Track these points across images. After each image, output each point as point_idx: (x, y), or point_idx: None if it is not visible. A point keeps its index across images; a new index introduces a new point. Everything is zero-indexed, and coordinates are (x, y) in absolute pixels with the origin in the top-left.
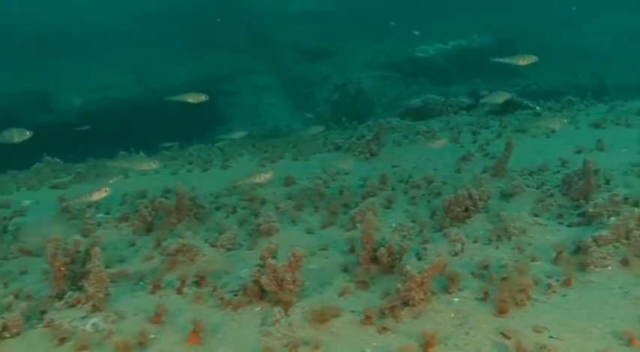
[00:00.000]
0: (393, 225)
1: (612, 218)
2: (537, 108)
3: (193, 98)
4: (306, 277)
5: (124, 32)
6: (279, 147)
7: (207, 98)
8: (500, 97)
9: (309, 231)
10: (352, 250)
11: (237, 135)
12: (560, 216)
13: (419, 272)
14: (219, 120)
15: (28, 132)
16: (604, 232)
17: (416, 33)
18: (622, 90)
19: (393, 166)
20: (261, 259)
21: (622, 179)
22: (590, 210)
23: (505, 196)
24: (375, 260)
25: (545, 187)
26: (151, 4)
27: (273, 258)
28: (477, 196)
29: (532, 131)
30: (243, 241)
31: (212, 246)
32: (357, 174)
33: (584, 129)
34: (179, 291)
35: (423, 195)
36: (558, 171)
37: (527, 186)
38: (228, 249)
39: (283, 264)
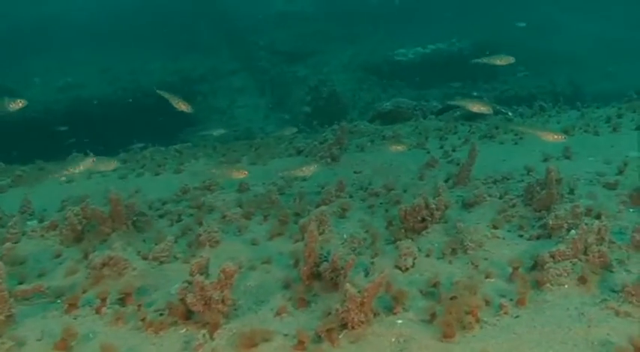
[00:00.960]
0: (345, 236)
1: (572, 231)
2: (509, 113)
3: (178, 103)
4: (241, 295)
5: (98, 30)
6: (239, 151)
7: (190, 110)
8: (474, 106)
9: (254, 242)
10: (296, 264)
11: (216, 132)
12: (520, 227)
13: (359, 292)
14: (191, 122)
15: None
16: (562, 247)
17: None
18: (599, 97)
19: (355, 172)
20: (190, 274)
21: (586, 189)
22: (551, 222)
23: (466, 206)
24: (318, 275)
25: (507, 197)
26: (127, 3)
27: (203, 273)
28: (434, 206)
29: (500, 137)
30: (180, 253)
31: (144, 258)
32: (317, 180)
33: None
34: (97, 311)
35: (381, 203)
36: (523, 180)
37: (490, 195)
38: (162, 262)
39: (212, 281)
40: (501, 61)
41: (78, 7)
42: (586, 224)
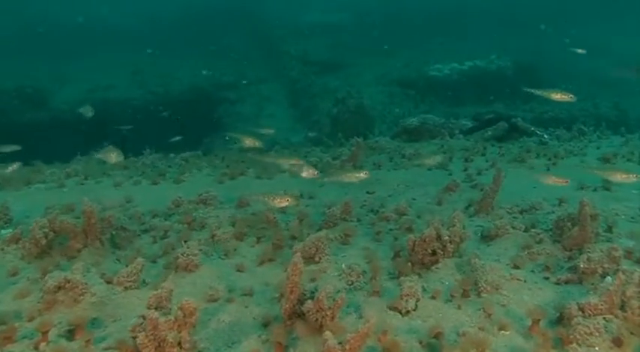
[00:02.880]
0: (343, 266)
1: (608, 278)
2: (545, 136)
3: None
4: (208, 334)
5: (131, 34)
6: (247, 162)
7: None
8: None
9: (240, 269)
10: (281, 298)
11: (264, 131)
12: (546, 268)
13: (340, 343)
14: (217, 128)
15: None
16: (594, 299)
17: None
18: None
19: (367, 192)
20: (148, 308)
21: (627, 227)
22: (582, 265)
23: (486, 238)
24: (302, 314)
25: (534, 230)
26: (163, 9)
27: (163, 308)
28: (447, 237)
29: (531, 161)
30: (153, 277)
31: (108, 282)
32: (325, 199)
33: (591, 163)
34: (36, 347)
35: (391, 229)
36: (553, 212)
37: (514, 227)
38: (126, 288)
39: (168, 319)
40: (558, 95)
41: (117, 13)
42: (625, 271)
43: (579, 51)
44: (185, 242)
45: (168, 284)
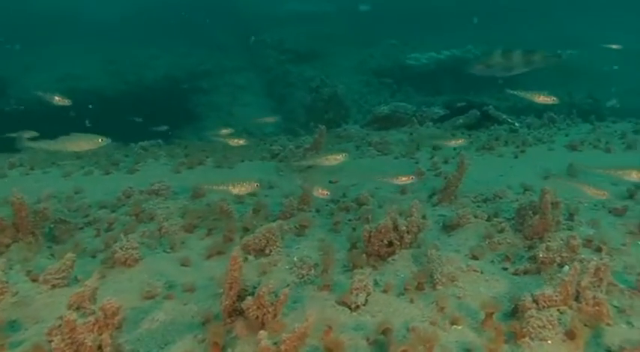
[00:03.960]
0: (295, 259)
1: (566, 267)
2: (516, 124)
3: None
4: (139, 335)
5: (107, 22)
6: (209, 151)
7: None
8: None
9: (184, 263)
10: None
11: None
12: (506, 258)
13: (275, 343)
14: (189, 119)
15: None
16: (548, 291)
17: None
18: (618, 112)
19: (330, 181)
20: (69, 307)
21: (589, 215)
22: (541, 254)
23: (447, 228)
24: (242, 312)
25: (496, 219)
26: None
27: (84, 308)
28: (404, 228)
29: (499, 149)
30: (86, 274)
31: (33, 280)
32: (285, 189)
33: (558, 150)
34: None
35: (350, 220)
36: (517, 200)
37: (476, 216)
38: (54, 286)
39: (88, 321)
40: (541, 98)
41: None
42: (582, 260)
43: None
44: (126, 235)
45: (91, 282)
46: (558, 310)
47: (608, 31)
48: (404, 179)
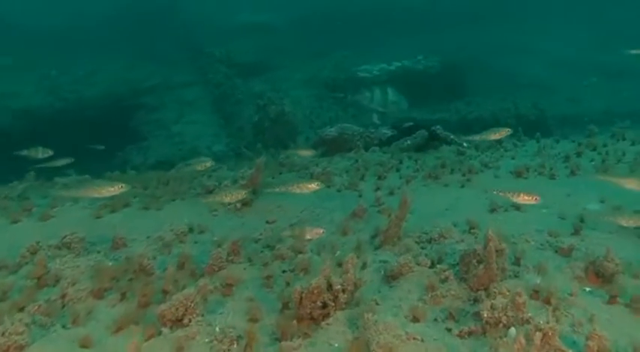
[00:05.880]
0: (217, 329)
1: (512, 329)
2: (464, 144)
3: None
4: None
5: (39, 32)
6: (138, 185)
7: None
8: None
9: (85, 343)
10: None
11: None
12: (450, 316)
13: None
14: (133, 139)
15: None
16: None
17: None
18: (562, 121)
19: (267, 222)
20: None
21: (536, 256)
22: (486, 314)
23: (388, 278)
24: None
25: (440, 266)
26: (82, 7)
27: None
28: (339, 287)
29: (445, 178)
30: None
31: None
32: (218, 231)
33: (504, 177)
34: None
35: (284, 271)
36: (462, 240)
37: (418, 264)
38: None
39: None
40: (496, 134)
41: (31, 10)
42: (529, 320)
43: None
44: (22, 308)
45: None
46: None
47: (548, 41)
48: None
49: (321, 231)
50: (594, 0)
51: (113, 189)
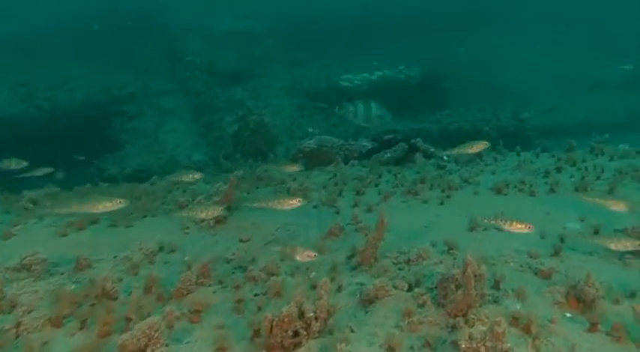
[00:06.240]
0: None
1: None
2: (445, 158)
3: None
4: None
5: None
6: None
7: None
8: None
9: None
10: None
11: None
12: (427, 344)
13: None
14: (111, 147)
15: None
16: None
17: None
18: (542, 132)
19: (241, 241)
20: None
21: (515, 279)
22: (464, 345)
23: (364, 302)
24: None
25: (417, 290)
26: (61, 14)
27: None
28: (311, 314)
29: (424, 194)
30: None
31: None
32: (189, 252)
33: (483, 194)
34: None
35: (256, 295)
36: (441, 262)
37: (395, 287)
38: None
39: None
40: (474, 148)
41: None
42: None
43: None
44: None
45: None
46: None
47: (529, 52)
48: None
49: (313, 254)
50: (575, 12)
51: (111, 205)
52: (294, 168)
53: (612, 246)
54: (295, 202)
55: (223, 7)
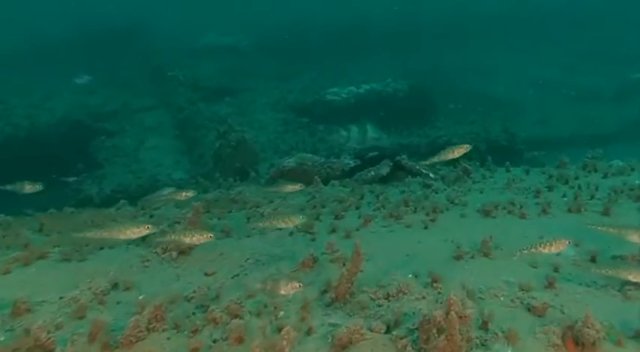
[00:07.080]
0: None
1: None
2: (431, 175)
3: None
4: None
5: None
6: (69, 228)
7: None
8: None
9: None
10: None
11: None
12: None
13: None
14: (89, 166)
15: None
16: None
17: None
18: (532, 144)
19: (206, 274)
20: None
21: (506, 317)
22: None
23: (337, 347)
24: None
25: (396, 333)
26: (38, 29)
27: None
28: None
29: (408, 218)
30: None
31: None
32: (146, 290)
33: (470, 216)
34: None
35: (215, 341)
36: (424, 297)
37: (372, 330)
38: None
39: None
40: (454, 153)
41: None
42: None
43: None
44: None
45: None
46: None
47: (521, 63)
48: None
49: (298, 285)
50: (565, 22)
51: (138, 230)
52: (295, 187)
53: (631, 278)
54: (295, 220)
55: (207, 21)
